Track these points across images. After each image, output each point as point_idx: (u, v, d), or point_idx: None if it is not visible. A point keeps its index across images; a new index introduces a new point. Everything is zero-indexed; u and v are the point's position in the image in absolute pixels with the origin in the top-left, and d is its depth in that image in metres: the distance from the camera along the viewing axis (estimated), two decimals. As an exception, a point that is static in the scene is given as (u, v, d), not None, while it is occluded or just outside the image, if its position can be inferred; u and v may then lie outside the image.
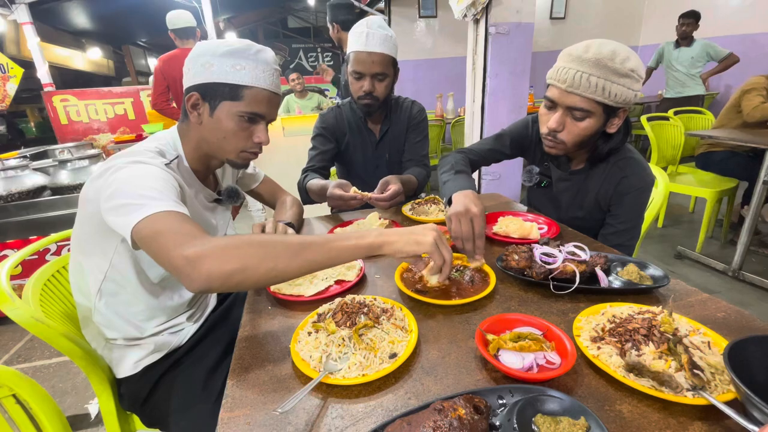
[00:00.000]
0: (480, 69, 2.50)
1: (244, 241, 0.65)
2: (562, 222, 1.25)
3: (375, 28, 1.35)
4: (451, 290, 0.86)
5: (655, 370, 0.57)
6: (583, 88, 0.94)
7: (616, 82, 0.93)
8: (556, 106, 1.02)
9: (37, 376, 1.93)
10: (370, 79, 1.40)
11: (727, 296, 2.24)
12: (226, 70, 0.84)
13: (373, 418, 0.56)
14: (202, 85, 0.86)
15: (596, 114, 0.98)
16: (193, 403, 0.86)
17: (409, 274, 0.94)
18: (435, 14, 5.19)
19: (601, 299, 0.80)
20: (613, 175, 1.13)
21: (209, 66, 0.84)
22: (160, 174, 0.76)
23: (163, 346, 0.94)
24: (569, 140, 1.04)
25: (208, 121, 0.88)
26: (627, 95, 0.95)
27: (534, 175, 1.28)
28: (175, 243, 0.64)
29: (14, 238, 2.22)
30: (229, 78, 0.84)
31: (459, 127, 4.01)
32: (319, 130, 1.61)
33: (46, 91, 3.75)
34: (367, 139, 1.62)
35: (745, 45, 3.86)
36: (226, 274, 0.62)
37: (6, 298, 0.85)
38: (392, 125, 1.62)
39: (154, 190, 0.72)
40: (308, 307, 0.84)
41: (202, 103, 0.87)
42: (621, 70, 0.92)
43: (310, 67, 9.96)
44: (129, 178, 0.74)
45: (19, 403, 0.75)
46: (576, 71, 0.94)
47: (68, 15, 6.61)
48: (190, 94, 0.87)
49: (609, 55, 0.92)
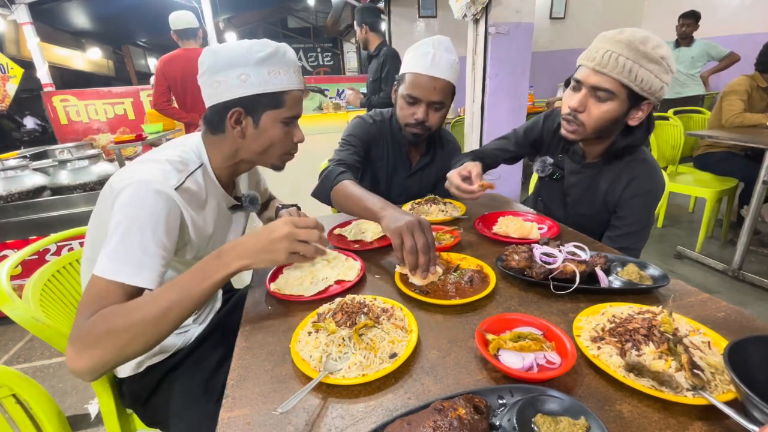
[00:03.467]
0: (480, 69, 2.50)
1: (107, 329, 0.64)
2: (569, 219, 1.24)
3: (442, 51, 1.22)
4: (451, 290, 0.86)
5: (655, 370, 0.57)
6: (611, 67, 0.94)
7: (644, 66, 0.93)
8: (581, 86, 1.01)
9: (37, 376, 1.93)
10: (425, 107, 1.25)
11: (727, 296, 2.24)
12: (265, 79, 0.83)
13: (373, 418, 0.56)
14: (243, 99, 0.84)
15: (619, 98, 0.97)
16: (195, 403, 0.86)
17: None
18: (435, 14, 5.19)
19: (600, 299, 0.79)
20: (624, 174, 1.12)
21: (246, 78, 0.82)
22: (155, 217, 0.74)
23: (168, 347, 0.94)
24: (589, 123, 1.02)
25: (253, 133, 0.88)
26: (654, 83, 0.94)
27: (547, 165, 1.26)
28: (72, 328, 0.66)
29: (14, 239, 2.22)
30: (269, 87, 0.84)
31: (459, 126, 4.01)
32: (358, 132, 1.39)
33: (46, 91, 3.75)
34: (402, 165, 1.46)
35: (745, 45, 3.86)
36: (105, 365, 0.65)
37: (6, 298, 0.85)
38: (433, 162, 1.47)
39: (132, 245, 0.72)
40: (308, 307, 0.84)
41: (245, 117, 0.86)
42: (651, 55, 0.92)
43: (310, 67, 9.97)
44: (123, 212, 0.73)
45: (19, 403, 0.75)
46: (606, 50, 0.94)
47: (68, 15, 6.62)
48: (234, 111, 0.85)
49: (641, 39, 0.93)
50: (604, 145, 1.11)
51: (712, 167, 2.83)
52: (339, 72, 9.88)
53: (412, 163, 1.48)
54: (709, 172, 2.86)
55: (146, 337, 0.66)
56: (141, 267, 0.71)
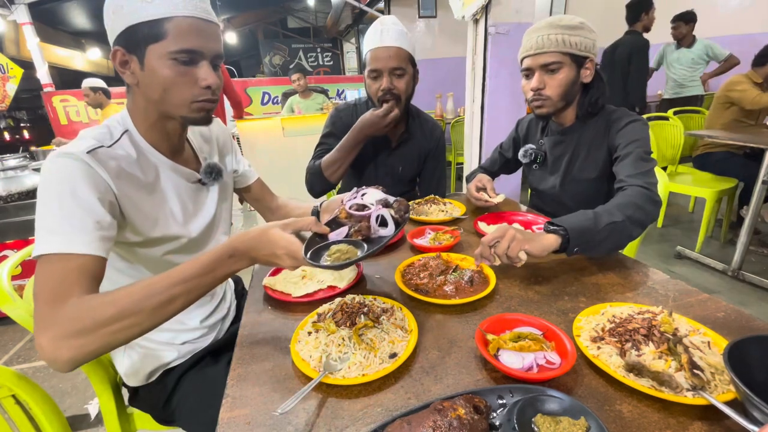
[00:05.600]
0: (480, 69, 2.50)
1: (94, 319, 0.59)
2: (565, 196, 1.28)
3: (389, 25, 1.34)
4: (451, 290, 0.86)
5: (655, 370, 0.57)
6: (547, 45, 1.11)
7: (572, 34, 1.10)
8: (532, 71, 1.17)
9: (37, 376, 1.93)
10: (387, 76, 1.34)
11: (726, 296, 2.24)
12: (137, 7, 0.70)
13: (373, 418, 0.56)
14: (120, 35, 0.73)
15: (566, 64, 1.13)
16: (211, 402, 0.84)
17: (410, 272, 0.94)
18: (435, 14, 5.19)
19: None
20: (604, 125, 1.20)
21: (119, 10, 0.71)
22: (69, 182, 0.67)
23: (183, 353, 0.94)
24: (554, 93, 1.16)
25: (143, 76, 0.75)
26: (586, 43, 1.12)
27: (528, 151, 1.36)
28: (39, 317, 0.59)
29: (14, 239, 2.23)
30: (143, 15, 0.70)
31: (459, 126, 4.01)
32: (331, 128, 1.53)
33: (45, 91, 3.76)
34: (381, 144, 1.52)
35: (745, 45, 3.85)
36: (88, 355, 0.59)
37: (7, 298, 0.85)
38: (411, 137, 1.54)
39: (54, 215, 0.65)
40: (308, 307, 0.84)
41: (129, 57, 0.74)
42: (572, 24, 1.11)
43: (309, 67, 9.97)
44: (40, 189, 0.67)
45: (18, 403, 0.75)
46: (538, 36, 1.12)
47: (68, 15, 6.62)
48: (114, 50, 0.75)
49: (558, 18, 1.12)
50: (573, 108, 1.24)
51: (712, 167, 2.83)
52: (339, 72, 9.87)
53: (392, 141, 1.54)
54: (709, 172, 2.86)
55: (142, 327, 0.62)
56: (71, 233, 0.64)
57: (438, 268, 0.92)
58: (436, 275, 0.90)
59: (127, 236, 0.79)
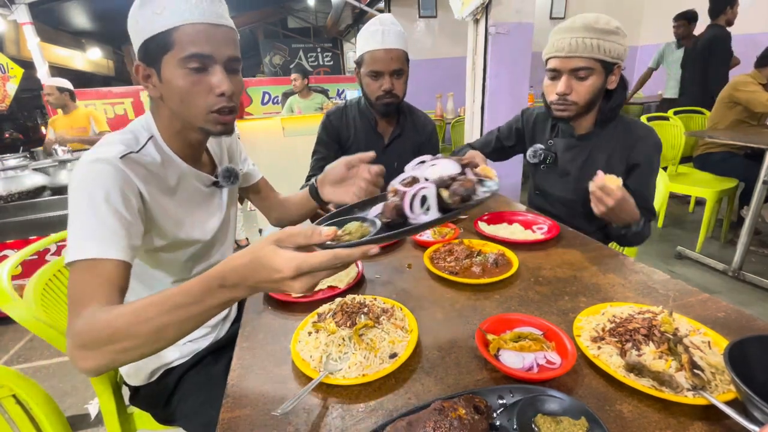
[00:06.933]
0: (480, 69, 2.50)
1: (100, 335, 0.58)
2: (571, 202, 1.28)
3: (389, 25, 1.34)
4: (478, 271, 0.94)
5: (656, 370, 0.57)
6: (581, 49, 1.07)
7: (607, 39, 1.06)
8: (560, 74, 1.13)
9: (37, 376, 1.93)
10: (389, 77, 1.38)
11: (727, 296, 2.24)
12: (150, 20, 0.72)
13: (373, 418, 0.56)
14: (139, 49, 0.75)
15: (597, 71, 1.10)
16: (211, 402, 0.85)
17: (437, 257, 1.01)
18: (435, 14, 5.18)
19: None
20: (622, 134, 1.20)
21: (135, 25, 0.74)
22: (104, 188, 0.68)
23: (185, 353, 0.94)
24: (580, 99, 1.13)
25: (162, 88, 0.77)
26: (618, 49, 1.08)
27: (538, 151, 1.32)
28: (67, 322, 0.62)
29: (14, 239, 2.23)
30: (155, 27, 0.71)
31: (459, 126, 4.01)
32: (322, 135, 1.56)
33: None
34: (374, 142, 1.54)
35: (745, 45, 3.85)
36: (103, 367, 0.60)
37: (8, 298, 0.86)
38: (403, 132, 1.56)
39: (87, 223, 0.66)
40: (308, 307, 0.84)
41: (149, 70, 0.76)
42: (608, 29, 1.06)
43: (310, 67, 9.96)
44: (73, 194, 0.69)
45: (19, 403, 0.75)
46: (571, 38, 1.07)
47: (68, 15, 6.62)
48: (136, 66, 0.78)
49: (594, 20, 1.07)
50: (593, 114, 1.21)
51: (712, 167, 2.82)
52: (339, 72, 9.86)
53: (385, 137, 1.56)
54: (709, 172, 2.86)
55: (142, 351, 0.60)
56: (105, 239, 0.65)
57: (463, 252, 1.01)
58: (462, 259, 0.98)
59: (154, 241, 0.82)
